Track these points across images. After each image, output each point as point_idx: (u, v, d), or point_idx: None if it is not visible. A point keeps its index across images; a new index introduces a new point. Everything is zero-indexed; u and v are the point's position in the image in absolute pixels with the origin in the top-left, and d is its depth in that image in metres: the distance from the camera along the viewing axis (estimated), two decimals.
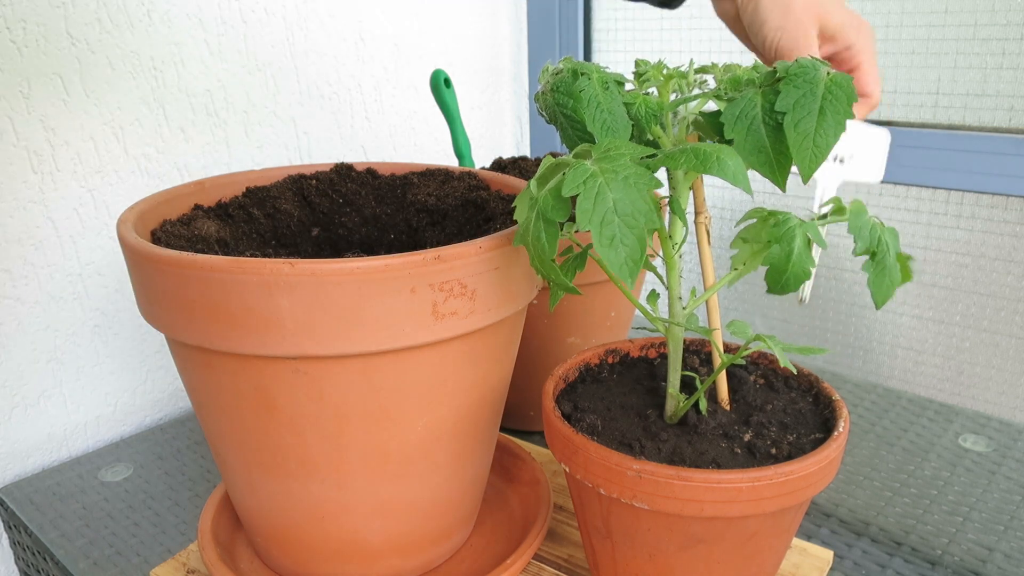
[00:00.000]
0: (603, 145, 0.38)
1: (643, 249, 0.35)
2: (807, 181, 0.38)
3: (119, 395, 0.76)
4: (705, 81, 0.44)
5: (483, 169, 0.63)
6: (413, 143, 1.00)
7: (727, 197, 1.02)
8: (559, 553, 0.54)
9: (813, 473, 0.40)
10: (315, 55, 0.86)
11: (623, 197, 0.35)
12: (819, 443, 0.43)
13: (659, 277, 0.46)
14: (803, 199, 0.95)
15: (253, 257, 0.40)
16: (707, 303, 0.46)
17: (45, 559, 0.60)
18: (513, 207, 0.41)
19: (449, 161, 1.02)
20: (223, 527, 0.55)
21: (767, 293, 0.41)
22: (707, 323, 0.47)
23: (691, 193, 0.45)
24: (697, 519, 0.41)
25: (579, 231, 0.37)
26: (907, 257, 0.43)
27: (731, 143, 0.40)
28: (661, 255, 0.44)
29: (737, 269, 0.44)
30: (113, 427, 0.77)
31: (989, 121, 0.81)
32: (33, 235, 0.68)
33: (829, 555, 0.53)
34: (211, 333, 0.41)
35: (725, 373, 0.48)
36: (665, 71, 0.43)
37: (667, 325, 0.45)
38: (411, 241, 0.58)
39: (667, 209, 0.43)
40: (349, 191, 0.59)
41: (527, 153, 1.18)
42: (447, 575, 0.52)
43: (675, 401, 0.46)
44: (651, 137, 0.43)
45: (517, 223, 0.41)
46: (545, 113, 0.46)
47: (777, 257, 0.41)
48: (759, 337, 0.41)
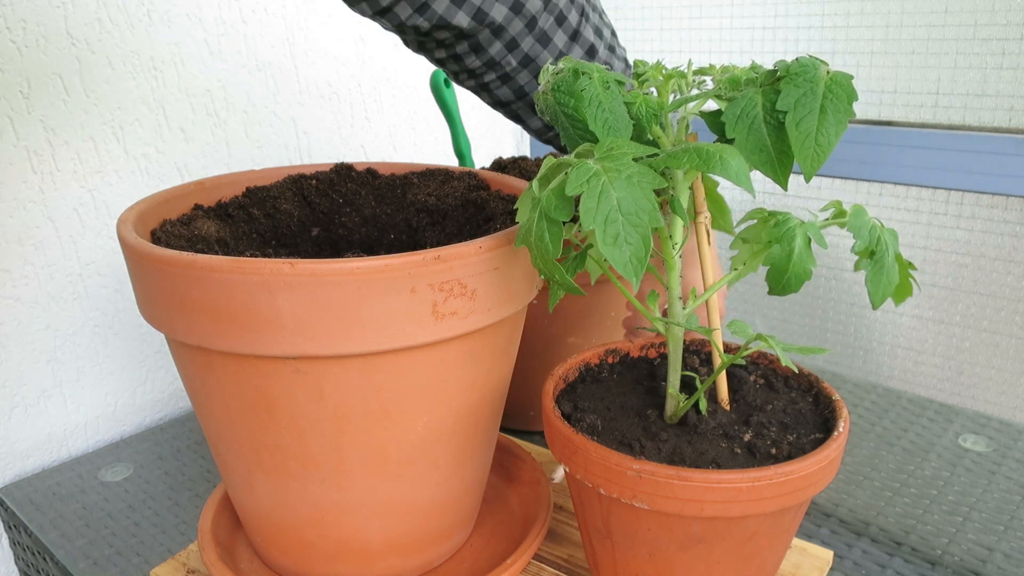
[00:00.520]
0: (605, 144, 0.38)
1: (648, 247, 0.35)
2: (810, 180, 0.38)
3: (119, 395, 0.76)
4: (704, 81, 0.44)
5: (483, 169, 0.63)
6: (413, 143, 1.00)
7: (727, 197, 1.02)
8: (559, 553, 0.54)
9: (813, 473, 0.40)
10: (315, 55, 0.86)
11: (627, 195, 0.35)
12: (819, 443, 0.43)
13: (658, 277, 0.46)
14: (803, 199, 0.95)
15: (253, 257, 0.40)
16: (707, 303, 0.46)
17: (45, 559, 0.60)
18: (514, 208, 0.41)
19: (449, 161, 1.02)
20: (223, 527, 0.55)
21: (768, 294, 0.41)
22: (707, 323, 0.47)
23: (690, 193, 0.45)
24: (697, 519, 0.41)
25: (581, 231, 0.37)
26: (909, 265, 0.42)
27: (731, 142, 0.40)
28: (661, 255, 0.44)
29: (737, 269, 0.44)
30: (113, 427, 0.77)
31: (989, 121, 0.81)
32: (33, 235, 0.68)
33: (829, 555, 0.53)
34: (211, 333, 0.41)
35: (725, 373, 0.48)
36: (664, 71, 0.43)
37: (667, 325, 0.45)
38: (411, 241, 0.58)
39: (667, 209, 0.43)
40: (349, 191, 0.59)
41: (527, 153, 1.18)
42: (447, 575, 0.52)
43: (675, 401, 0.46)
44: (651, 137, 0.43)
45: (517, 223, 0.41)
46: (546, 113, 0.46)
47: (778, 257, 0.41)
48: (760, 337, 0.41)
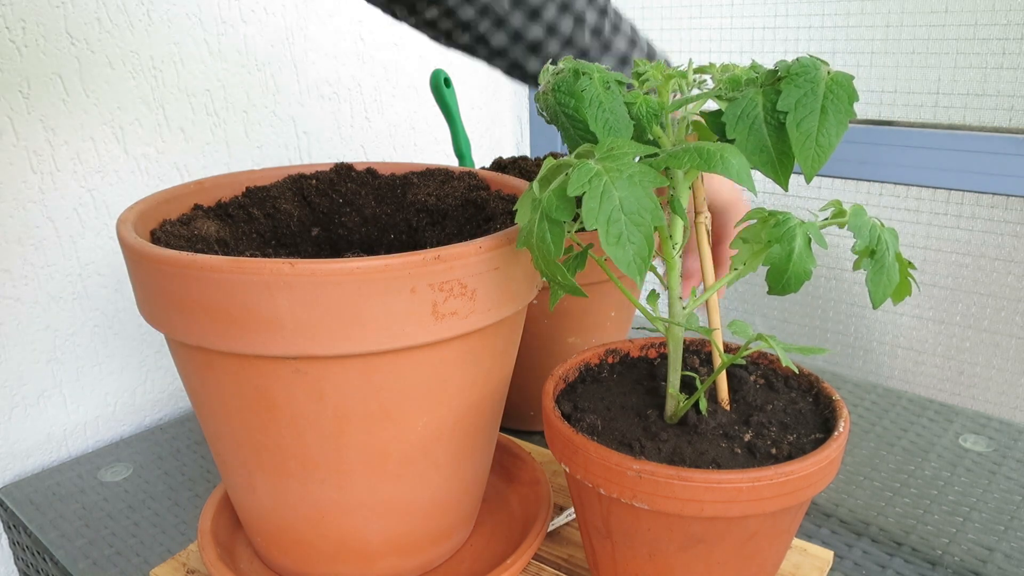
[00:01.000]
0: (606, 144, 0.38)
1: (651, 246, 0.35)
2: (810, 180, 0.38)
3: (119, 395, 0.76)
4: (704, 81, 0.44)
5: (483, 169, 0.63)
6: (413, 143, 1.00)
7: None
8: (559, 553, 0.54)
9: (813, 473, 0.40)
10: (315, 55, 0.86)
11: (629, 195, 0.35)
12: (819, 443, 0.43)
13: (659, 277, 0.46)
14: (803, 199, 0.95)
15: (253, 257, 0.40)
16: (707, 303, 0.46)
17: (45, 559, 0.60)
18: (514, 209, 0.41)
19: (449, 161, 1.02)
20: (223, 527, 0.55)
21: (768, 294, 0.41)
22: (707, 323, 0.47)
23: (690, 193, 0.45)
24: (697, 519, 0.41)
25: (583, 230, 0.37)
26: (909, 264, 0.42)
27: (732, 142, 0.39)
28: (661, 255, 0.44)
29: (737, 269, 0.44)
30: (113, 427, 0.77)
31: (989, 121, 0.81)
32: (33, 235, 0.68)
33: (829, 555, 0.53)
34: (211, 333, 0.41)
35: (725, 373, 0.48)
36: (665, 71, 0.43)
37: (667, 325, 0.45)
38: (411, 241, 0.58)
39: (667, 209, 0.43)
40: (349, 191, 0.59)
41: (527, 153, 1.18)
42: (447, 575, 0.52)
43: (675, 401, 0.46)
44: (651, 137, 0.43)
45: (517, 223, 0.40)
46: (546, 113, 0.46)
47: (778, 257, 0.41)
48: (760, 337, 0.41)
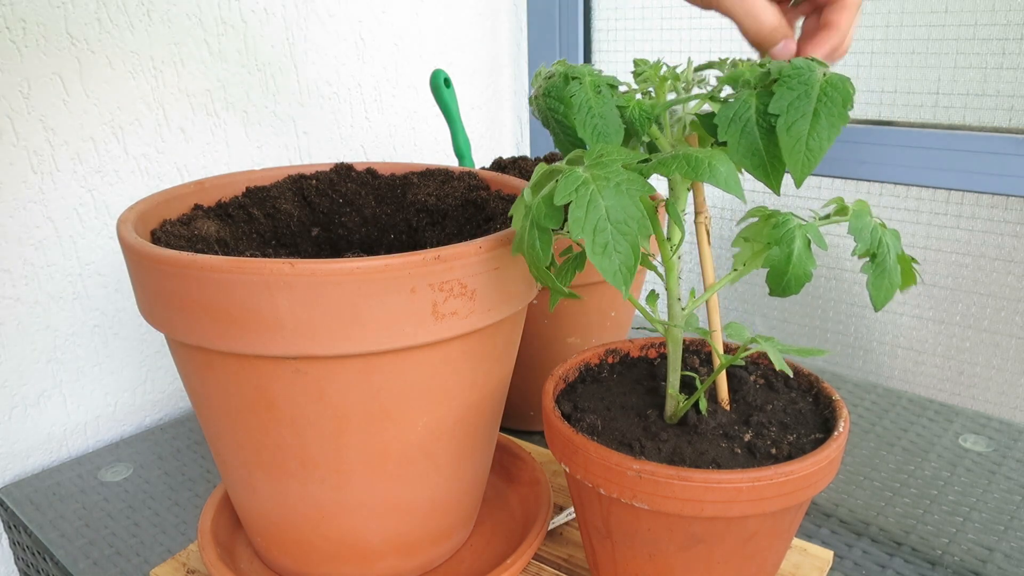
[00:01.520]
0: (595, 151, 0.37)
1: (637, 256, 0.35)
2: (800, 185, 0.37)
3: (119, 395, 0.76)
4: (706, 79, 0.44)
5: (483, 169, 0.63)
6: (413, 143, 1.00)
7: (728, 196, 1.02)
8: (559, 553, 0.54)
9: (813, 473, 0.40)
10: (315, 55, 0.86)
11: (615, 204, 0.35)
12: (819, 443, 0.43)
13: (660, 276, 0.46)
14: (803, 199, 0.95)
15: (253, 257, 0.40)
16: (707, 304, 0.46)
17: (45, 559, 0.60)
18: (510, 215, 0.41)
19: (449, 161, 1.02)
20: (223, 527, 0.55)
21: (769, 295, 0.41)
22: (707, 323, 0.47)
23: (691, 193, 0.45)
24: (697, 519, 0.41)
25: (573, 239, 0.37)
26: (910, 259, 0.42)
27: (724, 145, 0.39)
28: (659, 256, 0.44)
29: (738, 269, 0.44)
30: (113, 427, 0.77)
31: (989, 121, 0.81)
32: (33, 235, 0.68)
33: (829, 555, 0.53)
34: (211, 333, 0.41)
35: (725, 373, 0.48)
36: (663, 71, 0.43)
37: (666, 326, 0.45)
38: (411, 241, 0.58)
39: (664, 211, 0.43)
40: (349, 191, 0.59)
41: (527, 153, 1.18)
42: (447, 575, 0.52)
43: (675, 401, 0.46)
44: (647, 139, 0.43)
45: (513, 228, 0.40)
46: (539, 117, 0.45)
47: (777, 259, 0.40)
48: (756, 339, 0.41)
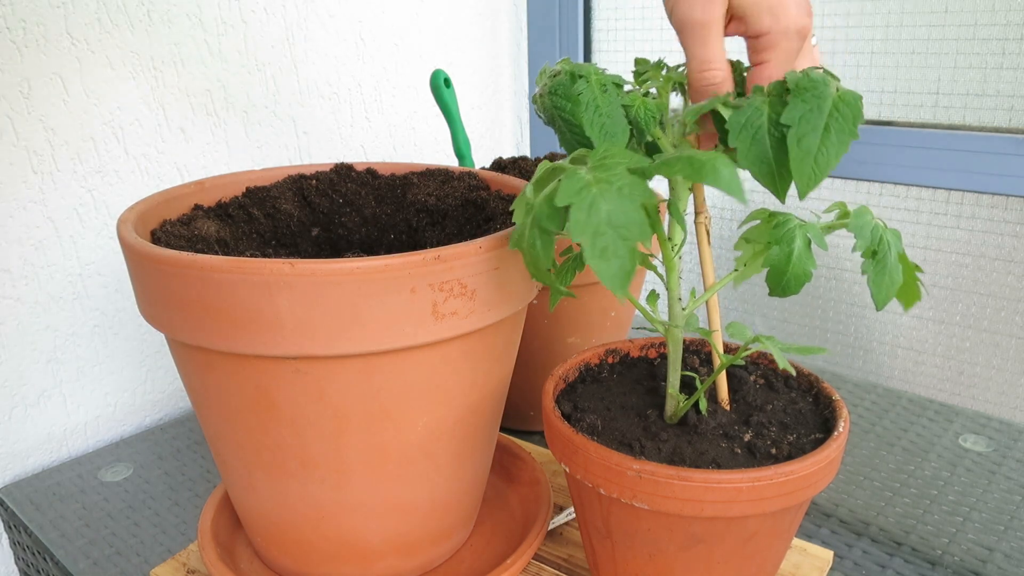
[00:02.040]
0: (599, 152, 0.37)
1: (635, 261, 0.34)
2: (804, 198, 0.37)
3: (119, 395, 0.76)
4: None
5: (483, 169, 0.63)
6: (413, 143, 1.00)
7: (729, 197, 1.02)
8: (559, 553, 0.54)
9: (813, 473, 0.40)
10: (315, 55, 0.86)
11: (616, 208, 0.35)
12: (819, 443, 0.43)
13: (660, 277, 0.46)
14: (808, 199, 0.95)
15: (253, 257, 0.40)
16: (707, 304, 0.46)
17: (45, 559, 0.60)
18: (511, 210, 0.41)
19: (449, 161, 1.02)
20: (223, 527, 0.55)
21: (769, 295, 0.41)
22: (707, 323, 0.47)
23: (692, 193, 0.45)
24: (697, 519, 0.41)
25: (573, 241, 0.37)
26: (915, 267, 0.42)
27: (734, 149, 0.39)
28: (660, 256, 0.44)
29: (739, 270, 0.44)
30: (113, 427, 0.77)
31: (989, 121, 0.81)
32: (33, 235, 0.68)
33: (829, 555, 0.53)
34: (211, 333, 0.41)
35: (725, 373, 0.48)
36: (665, 71, 0.43)
37: (667, 326, 0.45)
38: (411, 241, 0.58)
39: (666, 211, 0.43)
40: (349, 191, 0.59)
41: (527, 153, 1.18)
42: (447, 575, 0.52)
43: (675, 401, 0.46)
44: (650, 139, 0.43)
45: (514, 222, 0.40)
46: (543, 115, 0.45)
47: (777, 259, 0.41)
48: (758, 338, 0.41)
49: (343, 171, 0.60)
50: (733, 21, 0.42)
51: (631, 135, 0.42)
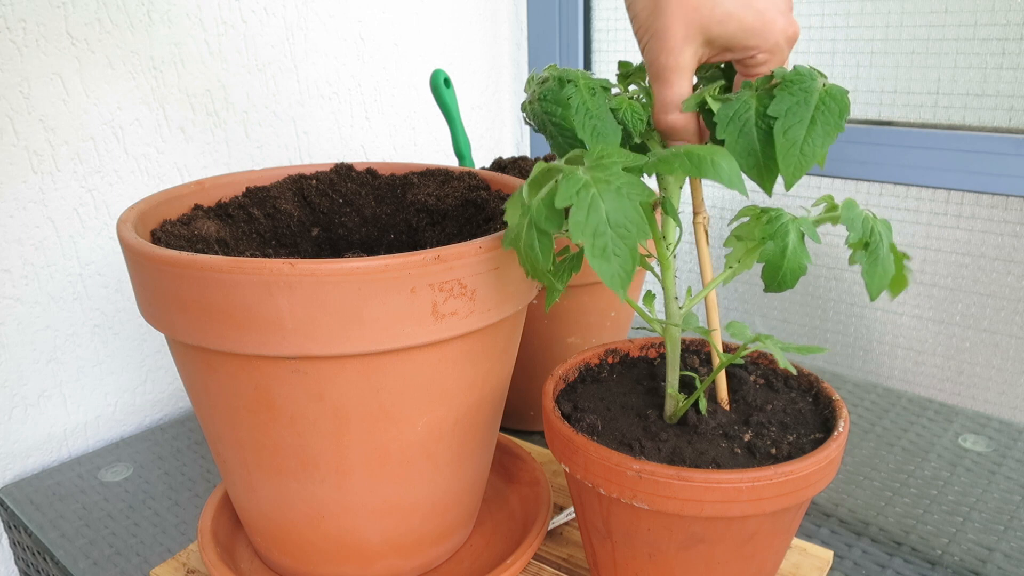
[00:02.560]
0: (595, 152, 0.38)
1: (635, 260, 0.35)
2: (790, 188, 0.38)
3: (119, 395, 0.76)
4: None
5: (483, 169, 0.63)
6: (413, 143, 1.00)
7: (726, 197, 1.02)
8: (559, 553, 0.54)
9: (813, 473, 0.40)
10: (315, 55, 0.86)
11: (616, 208, 0.35)
12: (819, 443, 0.43)
13: (656, 276, 0.46)
14: (802, 199, 0.95)
15: (253, 257, 0.40)
16: (706, 302, 0.46)
17: (45, 559, 0.60)
18: (503, 208, 0.41)
19: (449, 161, 1.02)
20: (223, 527, 0.55)
21: (764, 291, 0.42)
22: (707, 323, 0.47)
23: (690, 193, 0.45)
24: (697, 519, 0.41)
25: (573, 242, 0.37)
26: (904, 256, 0.42)
27: (722, 143, 0.40)
28: (655, 255, 0.44)
29: (732, 267, 0.44)
30: (113, 427, 0.77)
31: (989, 121, 0.81)
32: (33, 235, 0.68)
33: (829, 555, 0.53)
34: (211, 333, 0.41)
35: (724, 373, 0.48)
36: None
37: (664, 326, 0.45)
38: (411, 241, 0.58)
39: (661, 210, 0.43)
40: (349, 191, 0.59)
41: (527, 153, 1.18)
42: (447, 575, 0.52)
43: (674, 401, 0.46)
44: (639, 140, 0.43)
45: (507, 221, 0.40)
46: (533, 122, 0.46)
47: (772, 253, 0.41)
48: (758, 338, 0.41)
49: (343, 171, 0.60)
50: (720, 53, 0.41)
51: (621, 138, 0.43)
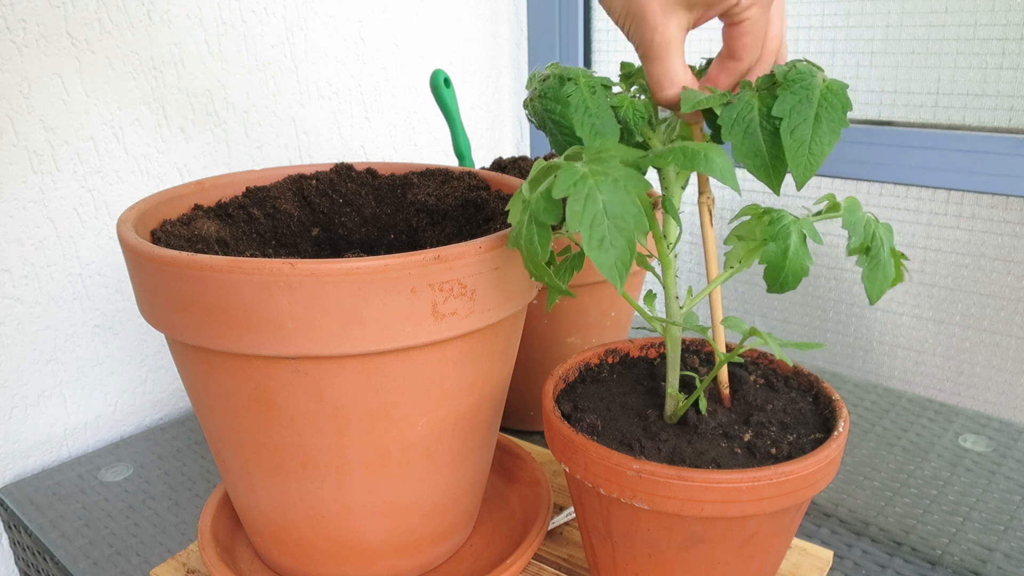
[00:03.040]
0: (593, 147, 0.38)
1: (632, 251, 0.35)
2: (801, 187, 0.38)
3: (119, 395, 0.76)
4: None
5: (483, 169, 0.63)
6: (413, 143, 1.00)
7: (726, 196, 1.02)
8: (559, 553, 0.54)
9: (813, 473, 0.40)
10: (315, 55, 0.86)
11: (613, 199, 0.35)
12: (819, 443, 0.43)
13: (656, 276, 0.46)
14: (802, 198, 0.95)
15: (253, 257, 0.40)
16: (710, 297, 0.46)
17: (45, 559, 0.60)
18: (506, 210, 0.41)
19: (449, 161, 1.02)
20: (223, 527, 0.55)
21: (767, 292, 0.42)
22: (708, 320, 0.47)
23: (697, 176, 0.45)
24: (697, 519, 0.41)
25: (569, 233, 0.37)
26: (901, 255, 0.43)
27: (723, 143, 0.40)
28: (656, 254, 0.44)
29: (732, 267, 0.44)
30: (113, 427, 0.77)
31: (989, 121, 0.81)
32: (33, 235, 0.68)
33: (829, 555, 0.53)
34: (211, 333, 0.41)
35: (727, 370, 0.48)
36: None
37: (664, 325, 0.45)
38: (411, 241, 0.58)
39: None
40: (349, 191, 0.59)
41: (527, 153, 1.18)
42: (447, 575, 0.52)
43: (675, 400, 0.46)
44: (640, 139, 0.44)
45: (510, 222, 0.41)
46: (534, 120, 0.46)
47: (774, 254, 0.41)
48: (755, 331, 0.41)
49: (343, 171, 0.60)
50: (704, 13, 0.40)
51: (621, 135, 0.43)
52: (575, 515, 0.55)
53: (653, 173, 0.46)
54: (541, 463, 0.61)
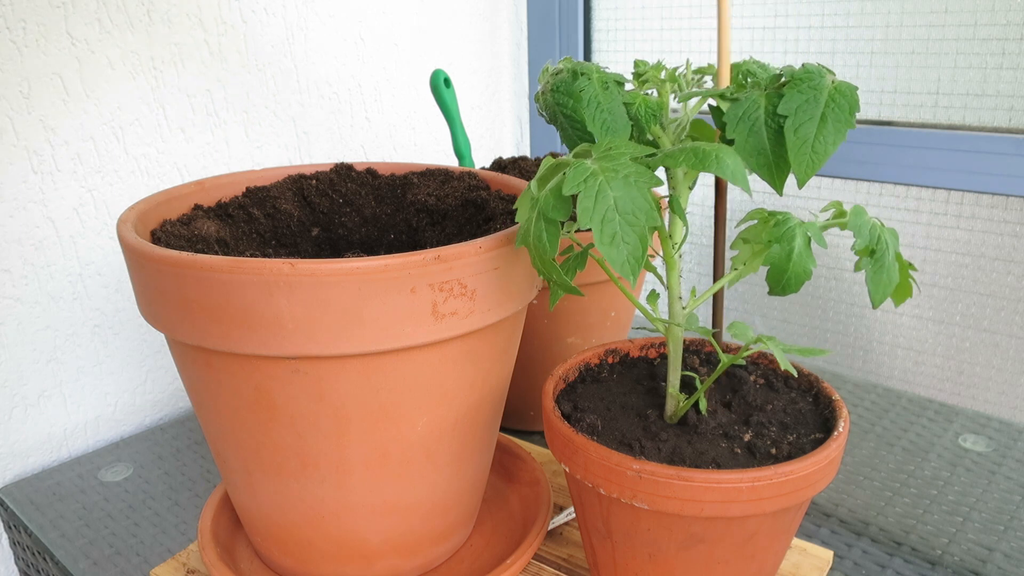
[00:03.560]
0: (603, 144, 0.38)
1: (645, 247, 0.35)
2: (802, 186, 0.38)
3: (119, 395, 0.76)
4: (704, 81, 0.44)
5: (483, 169, 0.63)
6: (413, 143, 1.00)
7: (733, 199, 1.02)
8: (559, 553, 0.54)
9: (813, 473, 0.40)
10: (315, 55, 0.86)
11: (624, 195, 0.35)
12: (819, 443, 0.43)
13: (659, 277, 0.46)
14: (803, 199, 0.95)
15: (253, 257, 0.40)
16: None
17: (45, 559, 0.60)
18: (514, 208, 0.41)
19: (449, 161, 1.02)
20: (223, 527, 0.55)
21: (768, 294, 0.42)
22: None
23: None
24: (697, 519, 0.41)
25: (580, 230, 0.37)
26: (909, 266, 0.42)
27: (731, 142, 0.40)
28: (661, 255, 0.44)
29: (737, 269, 0.44)
30: (113, 427, 0.77)
31: (989, 121, 0.81)
32: (33, 235, 0.68)
33: (829, 555, 0.53)
34: (211, 333, 0.41)
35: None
36: (664, 72, 0.43)
37: (667, 325, 0.45)
38: (411, 241, 0.58)
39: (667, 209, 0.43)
40: (349, 191, 0.59)
41: (527, 153, 1.18)
42: (447, 575, 0.52)
43: (675, 401, 0.46)
44: (651, 137, 0.43)
45: (517, 223, 0.41)
46: (545, 113, 0.46)
47: (778, 257, 0.41)
48: (760, 339, 0.41)
49: (343, 171, 0.60)
50: None
51: (631, 133, 0.43)
52: (575, 515, 0.55)
53: (660, 171, 0.46)
54: (541, 463, 0.61)
